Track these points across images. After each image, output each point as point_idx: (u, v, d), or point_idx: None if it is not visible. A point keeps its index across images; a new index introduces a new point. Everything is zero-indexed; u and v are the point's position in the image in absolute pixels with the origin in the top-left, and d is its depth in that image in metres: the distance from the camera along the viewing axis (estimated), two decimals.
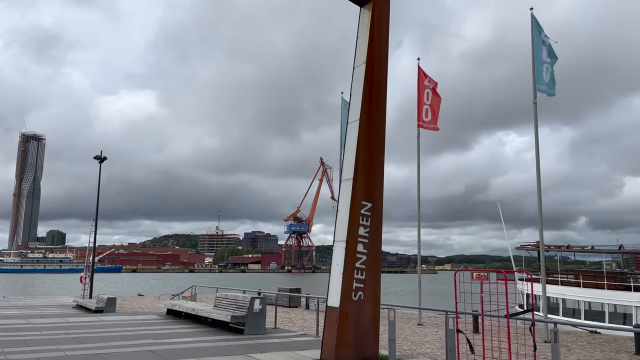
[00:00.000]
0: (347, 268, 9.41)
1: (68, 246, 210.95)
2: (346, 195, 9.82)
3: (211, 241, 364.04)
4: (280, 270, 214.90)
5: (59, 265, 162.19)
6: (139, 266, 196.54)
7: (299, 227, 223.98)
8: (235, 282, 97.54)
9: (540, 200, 18.35)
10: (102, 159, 31.30)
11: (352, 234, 9.53)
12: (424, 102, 23.41)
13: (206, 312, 13.90)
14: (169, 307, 16.81)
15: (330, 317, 9.43)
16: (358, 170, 9.74)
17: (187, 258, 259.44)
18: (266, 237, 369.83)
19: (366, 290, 9.55)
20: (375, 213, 9.84)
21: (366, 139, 9.88)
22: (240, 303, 13.17)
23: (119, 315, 17.56)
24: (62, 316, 17.08)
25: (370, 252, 9.68)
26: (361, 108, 9.94)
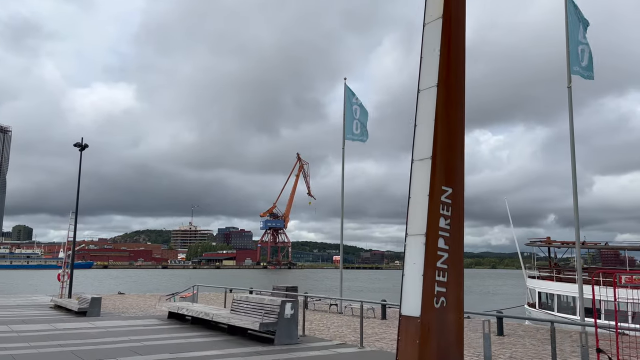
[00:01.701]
0: (428, 268, 7.59)
1: (36, 242, 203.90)
2: (422, 178, 7.98)
3: (184, 237, 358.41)
4: (256, 266, 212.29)
5: (26, 262, 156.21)
6: (110, 262, 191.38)
7: (275, 223, 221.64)
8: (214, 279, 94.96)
9: (576, 195, 16.88)
10: (82, 147, 28.81)
11: (433, 226, 7.71)
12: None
13: (224, 318, 11.93)
14: (172, 310, 14.74)
15: (407, 329, 7.61)
16: (437, 148, 7.93)
17: (160, 254, 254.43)
18: (240, 233, 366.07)
19: (449, 295, 7.75)
20: (456, 201, 8.04)
21: (446, 108, 8.06)
22: (268, 307, 11.24)
23: (112, 319, 15.41)
24: (48, 321, 14.84)
25: (452, 249, 7.88)
26: (439, 70, 8.11)
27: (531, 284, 27.05)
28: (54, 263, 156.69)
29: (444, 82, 8.14)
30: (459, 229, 8.04)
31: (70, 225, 28.59)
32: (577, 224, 16.92)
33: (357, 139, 25.62)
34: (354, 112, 26.14)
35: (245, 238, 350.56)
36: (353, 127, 25.75)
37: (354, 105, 26.24)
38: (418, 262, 7.71)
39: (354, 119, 25.98)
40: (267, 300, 11.42)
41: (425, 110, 8.24)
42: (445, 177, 7.98)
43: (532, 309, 26.28)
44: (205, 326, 13.56)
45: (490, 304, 42.99)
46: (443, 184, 7.93)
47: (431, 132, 8.02)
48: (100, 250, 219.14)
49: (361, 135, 25.71)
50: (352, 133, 25.62)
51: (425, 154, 8.07)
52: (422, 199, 7.92)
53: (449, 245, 7.85)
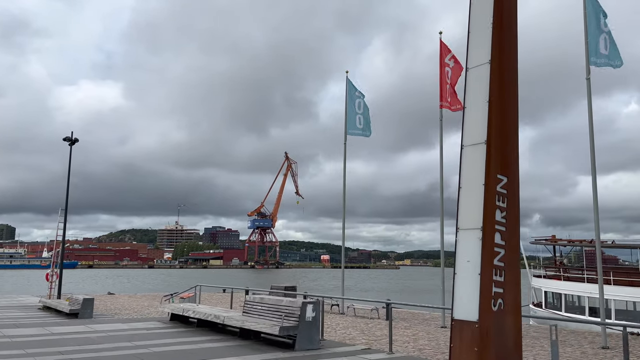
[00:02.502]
0: (485, 267, 6.74)
1: (19, 241, 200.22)
2: (475, 165, 7.12)
3: (170, 236, 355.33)
4: (243, 266, 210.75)
5: (9, 261, 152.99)
6: (95, 262, 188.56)
7: (263, 223, 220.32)
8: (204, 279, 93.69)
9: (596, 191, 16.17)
10: (72, 141, 27.64)
11: (489, 219, 6.86)
12: (446, 81, 21.16)
13: (237, 321, 10.98)
14: (175, 312, 13.74)
15: (462, 334, 6.75)
16: (492, 131, 7.08)
17: (146, 254, 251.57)
18: (227, 232, 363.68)
19: (506, 296, 6.90)
20: (512, 191, 7.19)
21: (500, 87, 7.21)
22: (286, 310, 10.32)
23: (111, 322, 14.36)
24: (41, 324, 13.77)
25: (509, 245, 7.04)
26: (492, 46, 7.26)
27: (537, 284, 26.43)
28: (37, 263, 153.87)
29: (497, 58, 7.29)
30: (514, 222, 7.19)
31: (60, 223, 27.39)
32: (596, 220, 16.21)
33: (360, 134, 24.70)
34: (356, 106, 25.17)
35: (232, 238, 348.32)
36: (356, 122, 24.76)
37: (357, 99, 25.31)
38: (473, 260, 6.85)
39: (356, 113, 25.01)
40: (285, 302, 10.50)
41: (476, 89, 7.38)
42: (501, 164, 7.13)
43: (537, 309, 25.66)
44: (212, 329, 12.60)
45: None
46: (498, 172, 7.08)
47: (485, 114, 7.16)
48: (85, 249, 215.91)
49: (364, 130, 24.79)
50: (355, 127, 24.64)
51: (478, 138, 7.20)
52: (476, 189, 7.05)
53: (505, 240, 7.00)
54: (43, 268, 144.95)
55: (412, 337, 13.92)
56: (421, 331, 15.45)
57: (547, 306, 25.16)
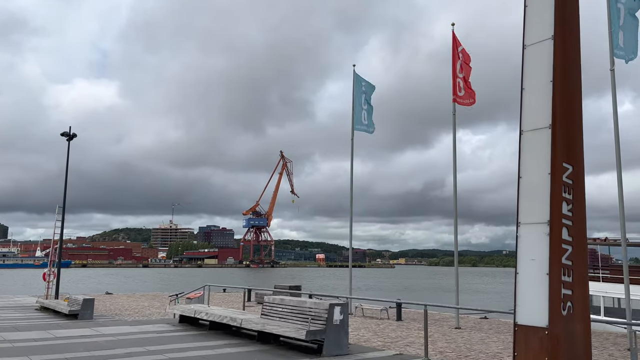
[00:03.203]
0: (554, 265, 6.01)
1: (12, 240, 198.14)
2: (538, 153, 6.37)
3: (164, 235, 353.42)
4: (238, 265, 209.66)
5: (2, 260, 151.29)
6: (89, 261, 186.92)
7: (258, 222, 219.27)
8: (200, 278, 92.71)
9: (621, 187, 15.50)
10: (70, 136, 26.75)
11: (556, 212, 6.14)
12: (457, 75, 20.53)
13: (255, 324, 10.20)
14: (186, 314, 12.93)
15: (528, 341, 6.01)
16: (557, 115, 6.34)
17: (140, 253, 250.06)
18: (221, 231, 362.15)
19: (575, 299, 6.17)
20: (578, 182, 6.47)
21: (563, 66, 6.48)
22: (311, 312, 9.56)
23: (118, 325, 13.55)
24: (42, 327, 12.94)
25: (576, 241, 6.31)
26: (555, 21, 6.52)
27: None
28: (30, 262, 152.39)
29: (560, 33, 6.55)
30: (581, 216, 6.44)
31: (57, 221, 26.52)
32: (622, 218, 15.52)
33: (365, 130, 24.04)
34: (362, 102, 24.45)
35: (227, 237, 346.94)
36: (362, 117, 24.08)
37: (363, 94, 24.59)
38: (540, 258, 6.10)
39: (362, 108, 24.31)
40: (309, 304, 9.73)
41: (536, 68, 6.63)
42: (566, 151, 6.39)
43: None
44: (226, 332, 11.83)
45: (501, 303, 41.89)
46: (564, 160, 6.35)
47: (548, 96, 6.41)
48: (79, 248, 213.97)
49: (368, 126, 24.14)
50: (361, 123, 23.97)
51: (540, 123, 6.45)
52: (540, 179, 6.31)
53: (572, 236, 6.26)
54: (36, 267, 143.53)
55: (428, 339, 13.33)
56: (435, 332, 14.89)
57: None
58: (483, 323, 18.19)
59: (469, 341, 12.99)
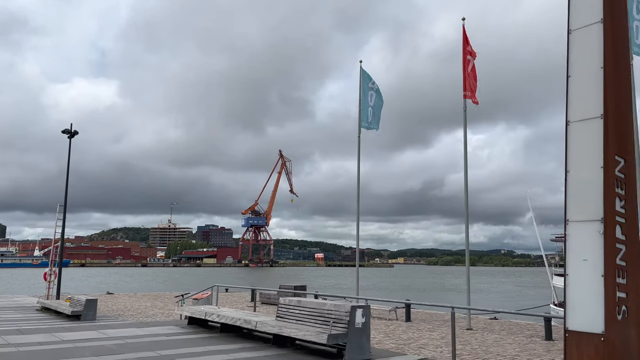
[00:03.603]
0: (608, 266, 5.56)
1: (10, 239, 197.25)
2: (589, 144, 5.91)
3: (163, 235, 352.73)
4: (237, 264, 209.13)
5: (0, 260, 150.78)
6: (87, 260, 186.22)
7: (257, 221, 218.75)
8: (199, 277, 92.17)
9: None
10: (72, 134, 26.23)
11: (610, 209, 5.68)
12: (467, 71, 20.16)
13: (272, 327, 9.72)
14: (195, 316, 12.45)
15: (581, 348, 5.56)
16: (609, 104, 5.89)
17: (139, 252, 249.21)
18: (220, 230, 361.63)
19: (630, 302, 5.72)
20: (630, 176, 6.01)
21: (614, 51, 6.03)
22: (331, 314, 9.09)
23: (124, 327, 13.06)
24: (46, 329, 12.45)
25: (629, 239, 5.85)
26: (603, 3, 6.06)
27: (560, 283, 25.31)
28: (29, 261, 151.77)
29: (609, 17, 6.09)
30: (633, 213, 5.98)
31: (58, 219, 26.01)
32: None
33: (370, 127, 23.59)
34: (369, 99, 23.98)
35: (225, 236, 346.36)
36: (368, 115, 23.63)
37: (370, 90, 24.10)
38: (593, 259, 5.63)
39: (368, 105, 23.85)
40: (329, 306, 9.25)
41: (584, 54, 6.15)
42: (618, 144, 5.94)
43: (560, 309, 24.54)
44: (238, 335, 11.37)
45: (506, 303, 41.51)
46: (616, 152, 5.89)
47: (599, 83, 5.94)
48: (77, 248, 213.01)
49: (373, 123, 23.65)
50: (367, 121, 23.52)
51: (591, 112, 5.98)
52: (591, 173, 5.83)
53: (625, 234, 5.80)
54: (35, 267, 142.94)
55: (442, 340, 12.97)
56: (447, 333, 14.45)
57: None
58: (494, 324, 17.77)
59: (484, 343, 12.66)
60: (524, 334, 14.39)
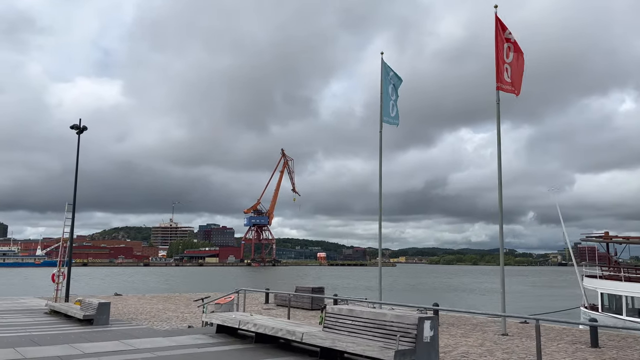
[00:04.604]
0: None
1: (12, 239, 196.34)
2: None
3: (164, 234, 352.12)
4: (240, 263, 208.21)
5: (2, 259, 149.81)
6: (89, 259, 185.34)
7: (260, 220, 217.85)
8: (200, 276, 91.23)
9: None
10: (81, 129, 25.15)
11: None
12: (504, 60, 18.96)
13: (321, 339, 8.62)
14: (225, 324, 11.34)
15: None
16: None
17: (141, 251, 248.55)
18: (222, 230, 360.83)
19: None
20: None
21: None
22: (393, 326, 8.00)
23: (147, 335, 11.96)
24: (63, 339, 11.35)
25: None
26: None
27: (590, 284, 24.21)
28: (31, 261, 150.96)
29: None
30: None
31: (67, 218, 24.98)
32: None
33: (392, 122, 22.47)
34: (390, 92, 22.85)
35: (227, 235, 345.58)
36: (390, 109, 22.48)
37: (391, 84, 23.00)
38: None
39: (390, 99, 22.70)
40: (390, 316, 8.15)
41: None
42: None
43: (591, 312, 23.48)
44: (276, 346, 10.29)
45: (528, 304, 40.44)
46: None
47: None
48: (79, 247, 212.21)
49: (395, 118, 22.55)
50: (388, 115, 22.40)
51: None
52: None
53: None
54: (37, 266, 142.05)
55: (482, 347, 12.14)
56: (485, 340, 13.64)
57: (604, 309, 23.00)
58: (527, 329, 16.83)
59: (528, 350, 11.90)
60: (564, 340, 13.69)
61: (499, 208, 18.31)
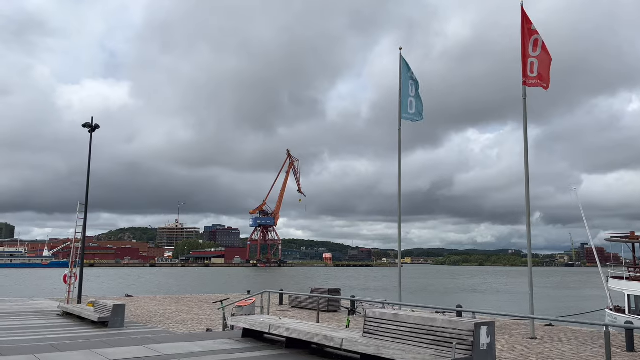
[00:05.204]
0: None
1: (19, 240, 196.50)
2: None
3: (170, 235, 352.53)
4: (246, 264, 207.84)
5: (10, 260, 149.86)
6: (96, 260, 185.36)
7: (265, 221, 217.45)
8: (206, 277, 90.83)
9: None
10: (93, 128, 24.65)
11: None
12: (529, 54, 18.37)
13: (366, 346, 8.01)
14: (253, 328, 10.76)
15: None
16: None
17: (147, 252, 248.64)
18: (227, 230, 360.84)
19: None
20: None
21: None
22: (444, 333, 7.41)
23: (170, 340, 11.38)
24: (83, 343, 10.82)
25: None
26: None
27: (617, 286, 23.50)
28: (38, 262, 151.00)
29: None
30: None
31: (79, 219, 24.57)
32: None
33: (411, 119, 21.93)
34: (409, 88, 22.30)
35: (232, 236, 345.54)
36: (408, 106, 21.95)
37: (410, 80, 22.47)
38: None
39: (409, 95, 22.16)
40: (440, 322, 7.56)
41: None
42: None
43: (618, 314, 22.77)
44: (310, 352, 9.71)
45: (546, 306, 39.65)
46: None
47: None
48: (86, 248, 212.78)
49: (416, 114, 22.02)
50: (407, 112, 21.88)
51: None
52: None
53: None
54: (44, 267, 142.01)
55: (513, 351, 11.75)
56: (516, 344, 13.26)
57: (631, 311, 22.29)
58: (554, 331, 16.28)
59: (562, 355, 11.40)
60: (597, 344, 13.10)
61: (525, 206, 17.66)
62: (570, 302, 43.17)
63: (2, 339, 12.68)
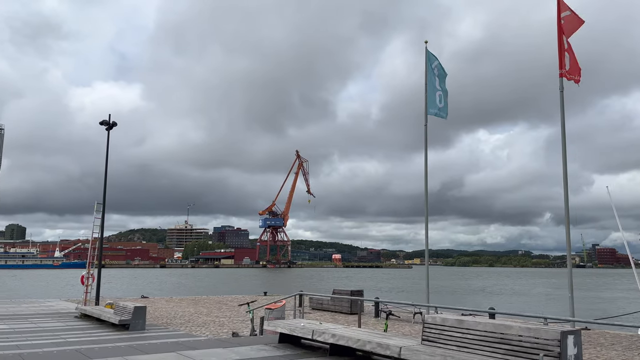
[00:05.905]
0: None
1: (31, 241, 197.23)
2: None
3: (180, 236, 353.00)
4: (255, 265, 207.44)
5: (22, 261, 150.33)
6: (106, 261, 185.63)
7: (275, 222, 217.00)
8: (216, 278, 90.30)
9: None
10: (110, 125, 24.01)
11: None
12: (563, 47, 17.78)
13: (431, 356, 7.21)
14: (293, 333, 9.98)
15: None
16: None
17: (157, 253, 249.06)
18: (236, 231, 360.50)
19: None
20: None
21: None
22: (522, 342, 6.59)
23: (204, 346, 10.62)
24: (108, 348, 10.09)
25: None
26: None
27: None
28: (50, 262, 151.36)
29: None
30: None
31: (96, 219, 23.97)
32: None
33: (438, 115, 21.06)
34: (436, 82, 21.43)
35: (242, 237, 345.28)
36: (436, 99, 21.04)
37: (436, 74, 21.62)
38: None
39: (436, 89, 21.25)
40: (516, 329, 6.73)
41: None
42: None
43: None
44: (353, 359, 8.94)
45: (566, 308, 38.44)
46: None
47: None
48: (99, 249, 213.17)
49: (443, 109, 21.15)
50: (435, 106, 20.97)
51: None
52: None
53: None
54: (55, 268, 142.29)
55: None
56: None
57: None
58: (593, 336, 15.42)
59: None
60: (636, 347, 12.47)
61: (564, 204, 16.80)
62: (594, 304, 42.04)
63: (21, 342, 12.00)
